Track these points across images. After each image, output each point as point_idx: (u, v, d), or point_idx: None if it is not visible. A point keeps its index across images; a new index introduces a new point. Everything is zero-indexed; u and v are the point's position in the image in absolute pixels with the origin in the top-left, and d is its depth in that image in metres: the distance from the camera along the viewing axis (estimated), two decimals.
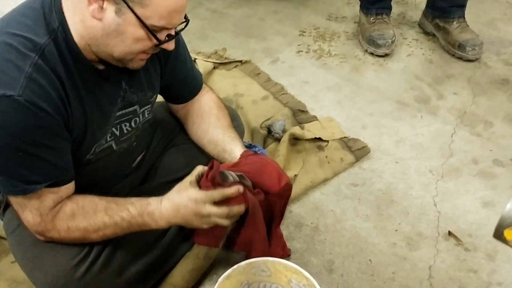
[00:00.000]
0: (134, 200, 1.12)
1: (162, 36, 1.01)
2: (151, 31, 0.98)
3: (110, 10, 0.95)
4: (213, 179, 1.08)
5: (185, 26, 1.07)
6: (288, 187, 1.19)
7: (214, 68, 2.05)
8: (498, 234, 0.64)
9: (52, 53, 0.99)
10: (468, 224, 1.53)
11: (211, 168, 1.10)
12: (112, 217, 1.09)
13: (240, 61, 2.10)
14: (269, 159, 1.22)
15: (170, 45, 1.05)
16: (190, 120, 1.37)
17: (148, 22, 0.96)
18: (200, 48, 2.18)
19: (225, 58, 2.12)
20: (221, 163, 1.20)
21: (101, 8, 0.95)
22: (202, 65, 2.00)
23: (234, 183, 1.09)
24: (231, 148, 1.26)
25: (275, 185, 1.15)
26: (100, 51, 1.02)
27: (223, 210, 1.09)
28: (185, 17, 1.05)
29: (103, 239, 1.12)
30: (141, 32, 0.98)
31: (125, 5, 0.94)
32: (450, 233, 1.49)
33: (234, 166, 1.18)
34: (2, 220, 1.29)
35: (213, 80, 1.98)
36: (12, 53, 0.96)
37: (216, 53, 2.15)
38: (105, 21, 0.97)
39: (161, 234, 1.24)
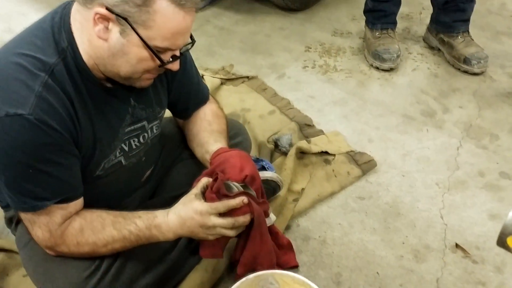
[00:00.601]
0: (141, 213, 1.14)
1: (167, 56, 1.04)
2: (154, 52, 1.00)
3: (115, 31, 0.98)
4: (217, 190, 1.10)
5: (191, 46, 1.10)
6: (252, 180, 1.17)
7: (222, 84, 2.08)
8: (501, 242, 0.66)
9: (62, 72, 1.02)
10: (475, 236, 1.53)
11: (215, 180, 1.12)
12: (120, 231, 1.11)
13: (247, 77, 2.13)
14: (241, 153, 1.22)
15: (175, 66, 1.08)
16: (187, 127, 1.39)
17: (152, 43, 0.99)
18: (207, 65, 2.21)
19: (232, 74, 2.15)
20: (206, 167, 1.22)
21: (107, 29, 0.98)
22: (210, 81, 2.03)
23: (239, 194, 1.11)
24: (212, 149, 1.27)
25: (236, 175, 1.16)
26: (107, 70, 1.05)
27: (228, 221, 1.11)
28: (192, 37, 1.07)
29: (112, 253, 1.14)
30: (145, 53, 1.00)
31: (129, 26, 0.97)
32: (457, 245, 1.49)
33: (211, 168, 1.19)
34: (14, 234, 1.32)
35: (221, 96, 2.01)
36: (23, 73, 0.99)
37: (223, 69, 2.19)
38: (111, 42, 1.00)
39: (170, 247, 1.26)
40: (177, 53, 1.06)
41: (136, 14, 0.95)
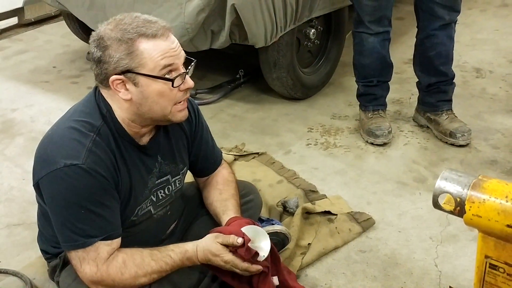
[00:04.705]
0: (173, 247, 1.37)
1: (176, 80, 1.27)
2: (161, 77, 1.25)
3: (131, 87, 1.28)
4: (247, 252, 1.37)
5: (194, 64, 1.36)
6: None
7: (235, 159, 2.35)
8: (435, 203, 0.88)
9: (106, 132, 1.32)
10: (468, 281, 1.69)
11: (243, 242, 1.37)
12: (157, 262, 1.33)
13: (257, 153, 2.41)
14: (245, 221, 1.46)
15: (188, 82, 1.31)
16: (203, 195, 1.66)
17: (156, 71, 1.25)
18: (222, 145, 2.50)
19: (244, 151, 2.43)
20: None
21: (127, 90, 1.28)
22: (224, 157, 2.29)
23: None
24: (224, 219, 1.52)
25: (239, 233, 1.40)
26: (145, 120, 1.33)
27: (243, 265, 1.38)
28: (191, 60, 1.34)
29: (150, 282, 1.34)
30: (158, 86, 1.27)
31: (134, 73, 1.25)
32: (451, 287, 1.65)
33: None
34: (57, 283, 1.51)
35: (234, 170, 2.25)
36: (76, 134, 1.29)
37: (236, 147, 2.47)
38: (133, 97, 1.29)
39: (196, 282, 1.47)
40: (182, 70, 1.30)
41: (131, 62, 1.24)
